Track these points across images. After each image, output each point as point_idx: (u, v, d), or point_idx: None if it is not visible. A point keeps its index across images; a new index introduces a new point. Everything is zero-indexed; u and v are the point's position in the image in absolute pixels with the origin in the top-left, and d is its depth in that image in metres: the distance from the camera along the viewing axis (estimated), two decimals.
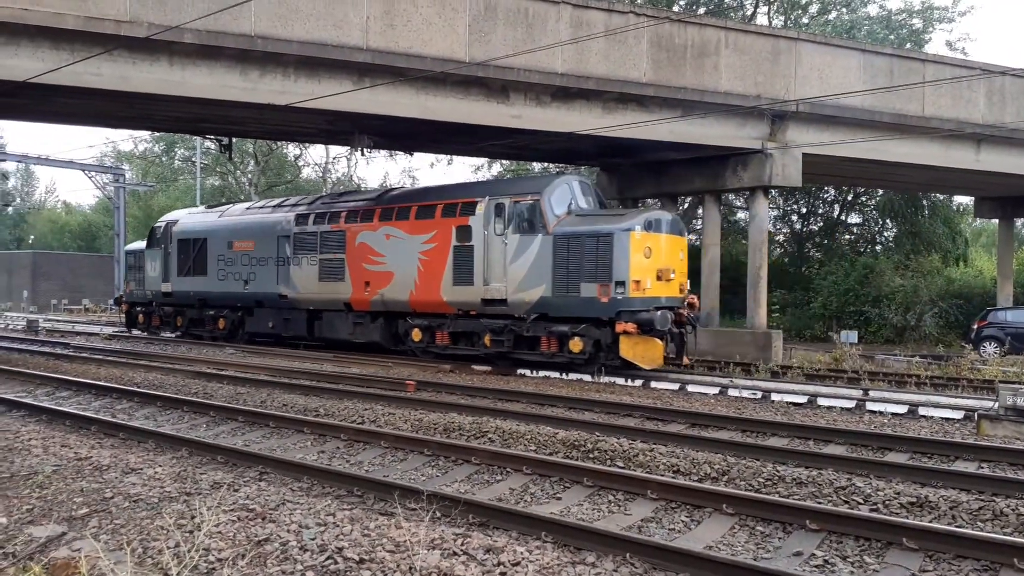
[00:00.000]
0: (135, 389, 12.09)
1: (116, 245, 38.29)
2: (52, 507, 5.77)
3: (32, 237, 61.54)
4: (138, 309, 24.49)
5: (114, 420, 9.82)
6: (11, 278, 44.46)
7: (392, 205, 17.71)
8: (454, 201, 16.41)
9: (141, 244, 24.63)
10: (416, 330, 17.09)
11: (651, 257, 14.38)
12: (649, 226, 14.49)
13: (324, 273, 18.54)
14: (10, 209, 66.81)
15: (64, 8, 12.64)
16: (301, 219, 19.31)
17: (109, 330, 25.74)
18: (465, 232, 15.95)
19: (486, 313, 15.77)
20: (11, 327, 27.81)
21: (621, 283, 14.05)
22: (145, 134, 45.51)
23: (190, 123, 19.50)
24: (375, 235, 17.56)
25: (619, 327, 13.95)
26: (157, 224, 24.31)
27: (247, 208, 21.95)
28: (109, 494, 6.03)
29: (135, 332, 24.20)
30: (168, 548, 4.72)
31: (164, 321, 23.50)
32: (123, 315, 25.63)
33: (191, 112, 16.53)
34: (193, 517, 5.32)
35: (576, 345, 14.55)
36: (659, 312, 13.97)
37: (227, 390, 12.26)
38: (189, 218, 23.20)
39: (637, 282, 14.05)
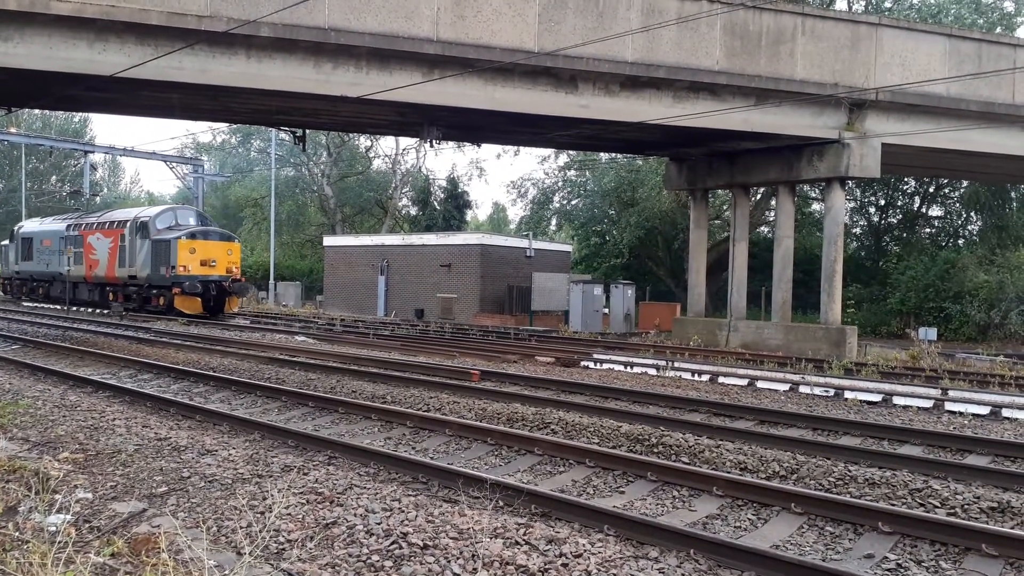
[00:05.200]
0: (211, 373, 12.53)
1: None
2: (134, 484, 6.02)
3: None
4: (5, 281, 37.81)
5: (191, 403, 10.19)
6: None
7: (101, 220, 30.04)
8: (120, 220, 28.63)
9: (6, 241, 37.80)
10: (111, 294, 28.97)
11: (196, 253, 25.82)
12: (193, 236, 26.12)
13: (75, 260, 30.15)
14: (98, 199, 69.76)
15: (149, 4, 13.11)
16: (69, 227, 31.33)
17: None
18: (123, 237, 27.89)
19: (132, 284, 27.71)
20: (97, 312, 29.24)
21: (174, 267, 25.56)
22: (223, 126, 46.94)
23: (266, 115, 20.01)
24: (93, 237, 29.69)
25: (174, 291, 25.54)
26: (15, 228, 36.77)
27: (53, 219, 34.86)
28: (186, 474, 6.27)
29: (5, 296, 36.91)
30: (241, 528, 4.89)
31: (18, 288, 36.22)
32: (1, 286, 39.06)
33: (267, 104, 16.95)
34: (264, 499, 5.49)
35: (161, 301, 26.43)
36: (188, 282, 25.14)
37: (298, 376, 12.59)
38: (28, 224, 36.34)
39: (184, 267, 25.53)
